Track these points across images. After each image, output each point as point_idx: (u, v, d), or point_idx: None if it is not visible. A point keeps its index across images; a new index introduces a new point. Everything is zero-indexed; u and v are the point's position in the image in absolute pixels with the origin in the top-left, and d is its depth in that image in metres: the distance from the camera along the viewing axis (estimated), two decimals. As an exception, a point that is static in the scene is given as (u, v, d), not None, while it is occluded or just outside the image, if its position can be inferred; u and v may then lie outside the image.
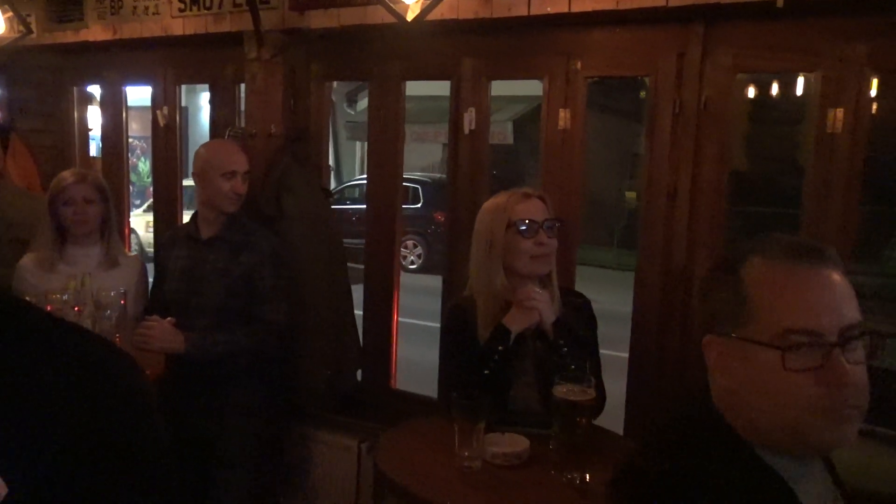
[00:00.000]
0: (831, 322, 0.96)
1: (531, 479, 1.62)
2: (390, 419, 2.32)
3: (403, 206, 2.76)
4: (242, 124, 2.95)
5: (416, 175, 11.25)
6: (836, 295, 0.98)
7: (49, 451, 0.64)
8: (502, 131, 11.94)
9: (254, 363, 2.52)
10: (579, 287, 2.35)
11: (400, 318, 3.00)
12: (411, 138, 12.73)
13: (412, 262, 10.89)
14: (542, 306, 1.89)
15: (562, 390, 1.62)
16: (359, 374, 3.00)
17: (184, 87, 3.35)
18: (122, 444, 0.69)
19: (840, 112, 2.10)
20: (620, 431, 2.34)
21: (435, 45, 2.68)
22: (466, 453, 1.65)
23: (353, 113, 14.45)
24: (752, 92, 6.12)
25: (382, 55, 2.77)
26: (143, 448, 0.72)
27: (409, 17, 2.16)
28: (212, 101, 3.15)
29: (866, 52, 2.05)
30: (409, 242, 10.96)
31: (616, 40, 2.41)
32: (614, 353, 2.70)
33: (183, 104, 3.39)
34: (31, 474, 0.63)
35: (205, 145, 2.60)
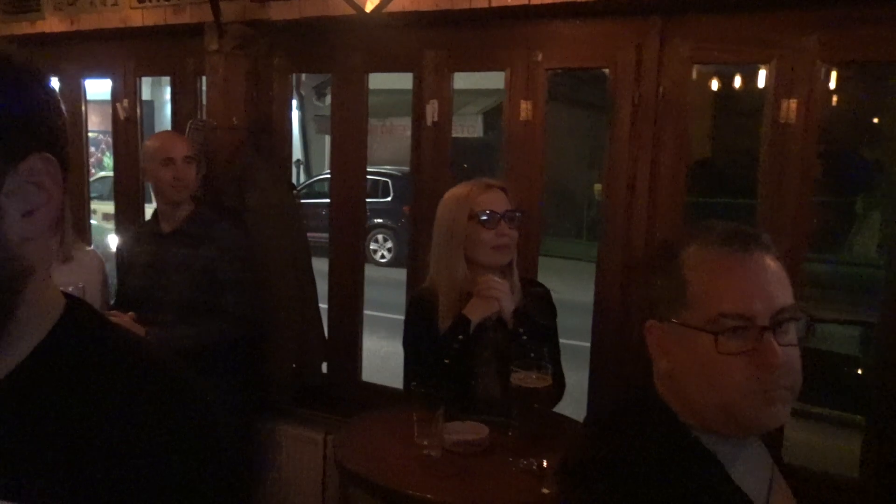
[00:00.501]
0: (763, 306, 0.99)
1: (490, 466, 1.64)
2: (357, 411, 2.32)
3: (373, 200, 2.75)
4: (205, 117, 2.92)
5: (386, 169, 11.23)
6: (768, 279, 1.01)
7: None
8: (472, 124, 11.95)
9: (218, 357, 2.51)
10: (548, 278, 2.38)
11: (369, 312, 3.00)
12: (381, 132, 12.69)
13: (382, 256, 10.88)
14: (502, 296, 1.91)
15: (519, 377, 1.65)
16: (324, 366, 3.00)
17: (150, 80, 3.31)
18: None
19: (794, 103, 2.14)
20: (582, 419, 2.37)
21: (397, 38, 2.67)
22: (426, 442, 1.66)
23: (322, 106, 14.34)
24: (715, 84, 6.22)
25: (345, 47, 2.76)
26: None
27: (368, 8, 2.16)
28: (173, 94, 3.12)
29: (818, 44, 2.09)
30: (380, 236, 10.95)
31: (576, 32, 2.43)
32: (581, 342, 2.73)
33: (148, 97, 3.35)
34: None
35: (148, 138, 2.62)
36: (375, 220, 10.83)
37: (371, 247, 11.37)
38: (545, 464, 1.61)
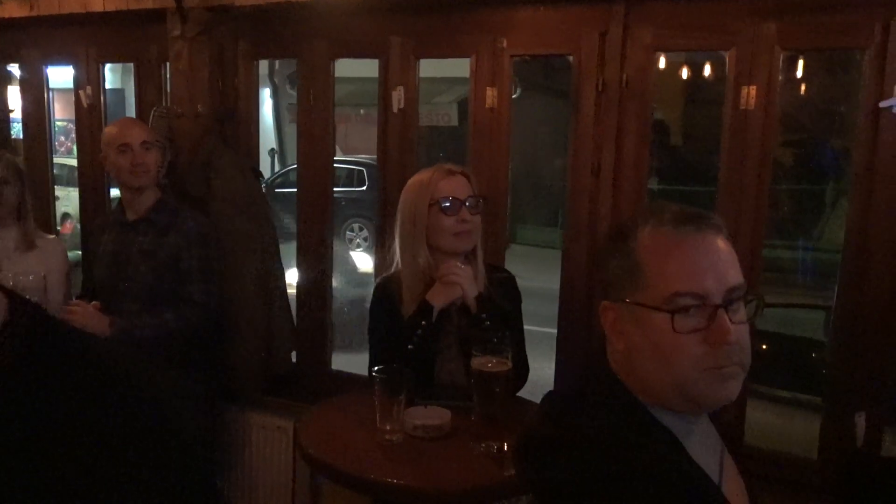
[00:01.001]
0: (715, 285, 1.01)
1: (451, 450, 1.65)
2: (327, 399, 2.32)
3: (349, 189, 2.73)
4: (169, 104, 2.88)
5: (362, 158, 11.18)
6: (720, 259, 1.03)
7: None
8: (447, 113, 11.94)
9: (184, 346, 2.50)
10: (522, 266, 2.39)
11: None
12: (357, 121, 12.63)
13: (358, 245, 10.85)
14: (464, 281, 1.92)
15: (478, 362, 1.66)
16: (293, 355, 2.99)
17: (120, 68, 3.26)
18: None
19: (753, 89, 2.17)
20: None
21: (363, 24, 2.66)
22: (388, 427, 1.67)
23: (296, 94, 14.25)
24: (685, 73, 6.27)
25: (310, 33, 2.74)
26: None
27: (329, -8, 2.15)
28: (136, 81, 3.07)
29: (776, 31, 2.12)
30: (355, 225, 10.91)
31: (540, 19, 2.43)
32: (553, 330, 2.74)
33: (119, 85, 3.30)
34: None
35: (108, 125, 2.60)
36: (351, 210, 10.79)
37: (347, 236, 11.34)
38: (506, 447, 1.62)
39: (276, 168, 13.43)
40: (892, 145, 2.03)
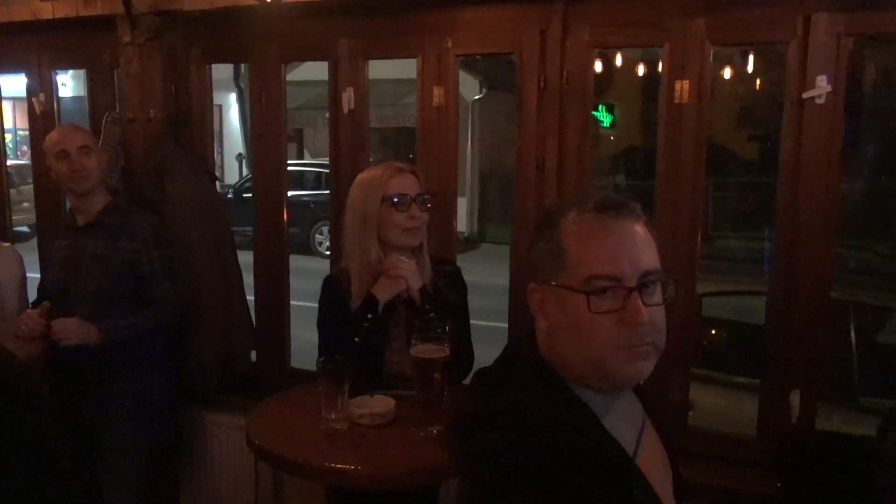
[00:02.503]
0: (630, 268, 1.07)
1: (394, 436, 1.71)
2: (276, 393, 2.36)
3: (317, 193, 2.75)
4: (121, 109, 2.90)
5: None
6: (636, 244, 1.09)
7: None
8: (413, 114, 11.98)
9: (148, 348, 2.54)
10: (492, 265, 2.45)
11: (306, 303, 3.02)
12: (324, 123, 12.63)
13: (328, 248, 10.84)
14: (408, 274, 1.98)
15: (417, 349, 1.71)
16: (253, 355, 3.03)
17: (81, 75, 3.25)
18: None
19: (686, 84, 2.25)
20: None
21: (311, 26, 2.71)
22: (333, 416, 1.72)
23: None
24: (641, 70, 6.40)
25: (260, 37, 2.78)
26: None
27: (270, -3, 2.19)
28: (89, 87, 3.09)
29: (705, 26, 2.20)
30: (325, 228, 10.91)
31: (484, 19, 2.50)
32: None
33: (80, 93, 3.30)
34: None
35: None
36: (320, 213, 10.79)
37: (316, 238, 11.35)
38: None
39: (245, 173, 13.39)
40: (816, 134, 2.13)
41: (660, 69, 2.36)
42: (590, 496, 0.99)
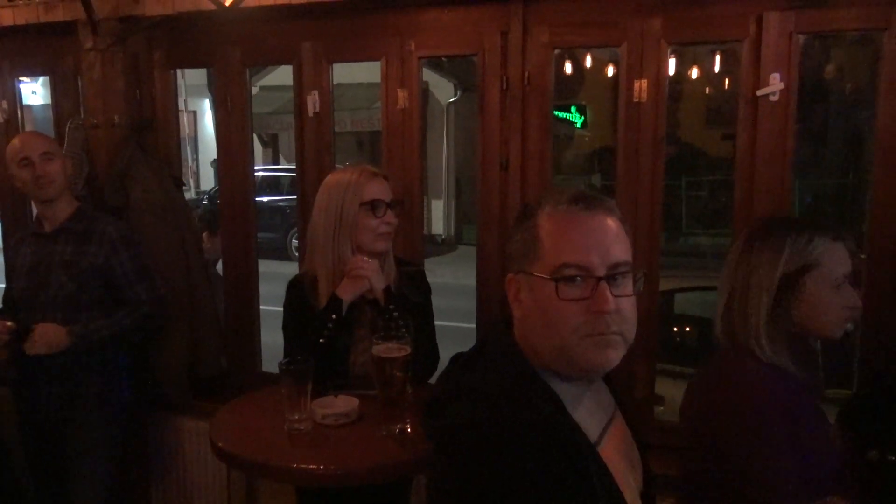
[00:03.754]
0: (600, 259, 1.11)
1: (356, 435, 1.72)
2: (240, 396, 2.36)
3: (293, 198, 2.76)
4: (84, 115, 2.89)
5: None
6: (606, 236, 1.13)
7: None
8: (387, 118, 11.97)
9: (114, 352, 2.53)
10: (467, 266, 2.46)
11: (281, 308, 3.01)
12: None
13: (304, 254, 10.81)
14: (371, 275, 1.99)
15: (378, 348, 1.73)
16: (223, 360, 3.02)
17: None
18: None
19: (644, 83, 2.29)
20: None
21: (274, 30, 2.71)
22: (296, 416, 1.72)
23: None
24: (611, 70, 6.47)
25: (223, 41, 2.78)
26: None
27: (228, 1, 2.20)
28: (53, 94, 3.07)
29: (661, 26, 2.24)
30: (302, 233, 10.85)
31: (445, 20, 2.52)
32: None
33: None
34: None
35: None
36: (296, 219, 10.72)
37: (292, 243, 11.30)
38: (408, 429, 1.70)
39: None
40: (770, 130, 2.17)
41: (623, 69, 2.39)
42: (547, 474, 1.02)
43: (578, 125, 12.19)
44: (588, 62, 6.97)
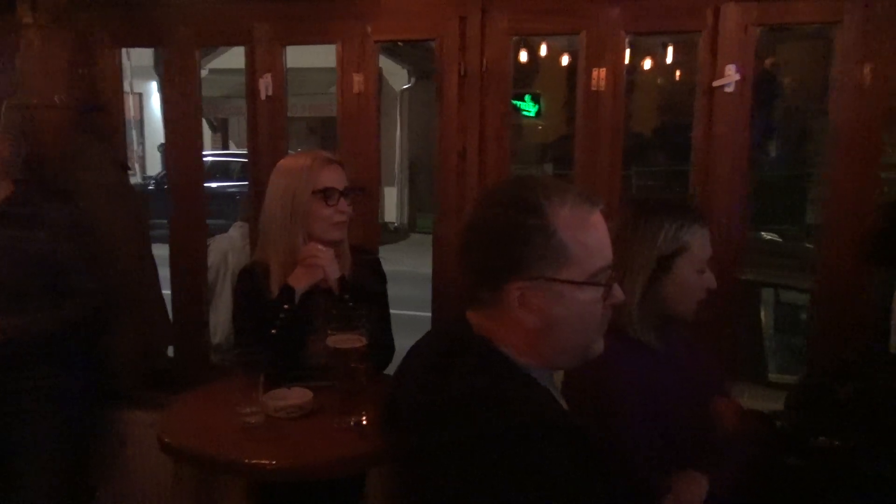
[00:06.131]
0: (611, 254, 1.14)
1: (312, 427, 1.68)
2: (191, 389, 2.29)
3: (243, 184, 2.66)
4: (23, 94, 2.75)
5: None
6: (607, 231, 1.14)
7: None
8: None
9: (63, 343, 2.42)
10: (420, 255, 2.43)
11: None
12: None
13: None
14: (325, 263, 1.94)
15: (334, 339, 1.69)
16: (170, 350, 2.94)
17: None
18: None
19: (602, 71, 2.29)
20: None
21: (227, 10, 2.62)
22: (248, 409, 1.68)
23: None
24: (566, 59, 6.50)
25: (173, 21, 2.67)
26: None
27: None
28: (-12, 72, 2.92)
29: (620, 15, 2.24)
30: (252, 220, 10.68)
31: (404, 5, 2.47)
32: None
33: None
34: None
35: None
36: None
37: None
38: (364, 420, 1.67)
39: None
40: (726, 121, 2.19)
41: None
42: (566, 467, 1.00)
43: (532, 114, 12.22)
44: (543, 51, 6.98)
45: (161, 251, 2.90)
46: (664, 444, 1.49)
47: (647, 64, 7.22)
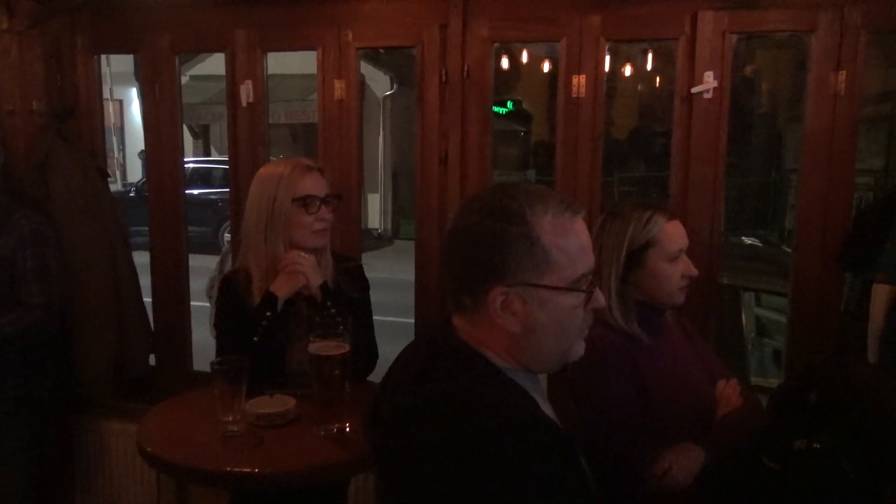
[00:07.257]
0: (592, 259, 1.14)
1: (293, 435, 1.67)
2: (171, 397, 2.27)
3: (224, 191, 2.64)
4: (-1, 102, 2.72)
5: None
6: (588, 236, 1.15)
7: None
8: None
9: (23, 352, 2.38)
10: (403, 261, 2.43)
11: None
12: (231, 120, 12.28)
13: (237, 248, 10.58)
14: (307, 270, 1.93)
15: (316, 346, 1.68)
16: (152, 358, 2.91)
17: None
18: None
19: (582, 78, 2.31)
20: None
21: (206, 17, 2.62)
22: (229, 418, 1.66)
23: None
24: (547, 66, 6.53)
25: (152, 27, 2.66)
26: None
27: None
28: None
29: (599, 22, 2.26)
30: (233, 227, 10.61)
31: (384, 11, 2.48)
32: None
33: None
34: None
35: None
36: (228, 212, 10.48)
37: (224, 237, 11.02)
38: (347, 428, 1.66)
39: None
40: (704, 127, 2.22)
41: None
42: (543, 468, 0.99)
43: (503, 112, 12.28)
44: (524, 58, 7.02)
45: (142, 258, 2.88)
46: (650, 420, 1.62)
47: (628, 70, 7.28)
